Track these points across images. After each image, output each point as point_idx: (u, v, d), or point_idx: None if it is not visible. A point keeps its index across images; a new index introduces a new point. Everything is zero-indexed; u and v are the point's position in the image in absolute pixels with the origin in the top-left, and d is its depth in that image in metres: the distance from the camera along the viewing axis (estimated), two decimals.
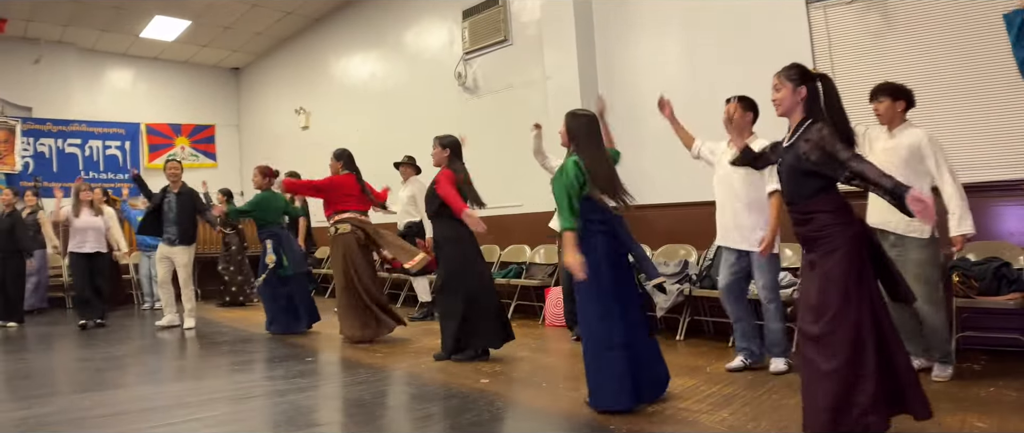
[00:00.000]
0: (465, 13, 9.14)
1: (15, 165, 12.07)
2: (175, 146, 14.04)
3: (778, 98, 3.21)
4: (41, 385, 5.31)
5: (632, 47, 7.33)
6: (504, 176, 8.13)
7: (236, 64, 14.86)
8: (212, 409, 4.30)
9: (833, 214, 3.06)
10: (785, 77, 3.20)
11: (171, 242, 7.84)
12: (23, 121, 12.31)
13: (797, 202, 3.16)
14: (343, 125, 11.53)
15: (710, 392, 4.22)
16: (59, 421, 4.04)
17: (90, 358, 6.31)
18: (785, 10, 6.06)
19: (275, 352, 6.27)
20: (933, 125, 4.50)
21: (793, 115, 3.22)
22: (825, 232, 3.06)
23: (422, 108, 9.92)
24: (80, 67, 13.14)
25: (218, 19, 12.02)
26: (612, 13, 7.49)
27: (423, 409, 4.18)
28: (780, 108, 3.23)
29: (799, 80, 3.17)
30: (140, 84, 14.12)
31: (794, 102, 3.18)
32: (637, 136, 6.81)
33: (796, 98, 3.17)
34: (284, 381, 4.94)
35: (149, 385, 5.18)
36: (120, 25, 12.10)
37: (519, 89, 8.44)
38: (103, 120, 13.36)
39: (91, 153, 13.18)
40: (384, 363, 5.51)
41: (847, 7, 5.74)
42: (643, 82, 7.15)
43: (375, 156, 8.77)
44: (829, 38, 5.85)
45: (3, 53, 12.12)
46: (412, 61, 10.37)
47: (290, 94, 13.27)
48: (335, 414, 4.06)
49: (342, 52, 11.90)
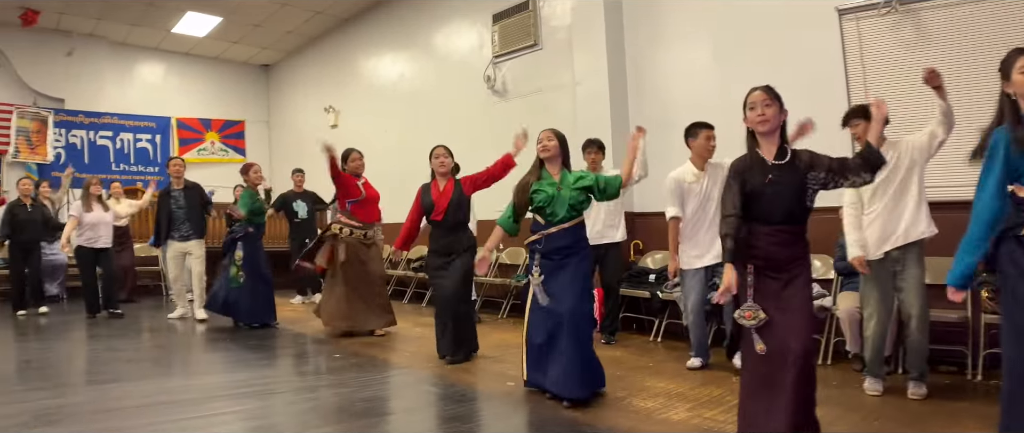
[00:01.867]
0: (495, 17, 9.18)
1: (47, 156, 12.24)
2: (205, 141, 14.19)
3: (769, 114, 3.15)
4: (70, 374, 5.41)
5: (662, 54, 7.34)
6: None
7: (266, 61, 14.99)
8: (243, 403, 4.36)
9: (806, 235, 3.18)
10: (773, 95, 3.18)
11: (185, 238, 7.96)
12: (55, 112, 12.47)
13: (792, 222, 3.14)
14: (372, 125, 11.61)
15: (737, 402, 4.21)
16: (91, 411, 4.11)
17: (119, 348, 6.41)
18: (817, 20, 6.03)
19: (302, 348, 6.35)
20: (966, 140, 4.45)
21: (774, 136, 3.21)
22: (805, 252, 3.18)
23: (450, 110, 9.97)
24: (112, 60, 13.31)
25: (249, 16, 12.14)
26: (642, 19, 7.50)
27: (451, 409, 4.22)
28: (768, 125, 3.15)
29: (782, 103, 3.19)
30: (171, 78, 14.28)
31: (778, 122, 3.18)
32: (666, 143, 6.79)
33: (781, 118, 3.19)
34: (313, 377, 5.01)
35: (179, 377, 5.25)
36: (152, 20, 12.25)
37: (548, 93, 8.46)
38: (134, 113, 13.51)
39: (122, 145, 13.34)
40: (410, 363, 5.56)
41: (880, 18, 5.69)
42: (672, 89, 7.17)
43: (403, 157, 8.84)
44: (861, 49, 5.81)
45: (36, 45, 12.30)
46: (441, 63, 10.43)
47: (320, 92, 13.37)
48: (364, 411, 4.09)
49: (372, 52, 11.97)
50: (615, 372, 5.04)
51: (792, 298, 3.08)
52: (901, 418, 3.85)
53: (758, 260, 3.14)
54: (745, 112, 3.23)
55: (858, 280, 5.21)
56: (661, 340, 6.48)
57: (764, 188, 3.12)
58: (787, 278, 3.10)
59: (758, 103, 3.17)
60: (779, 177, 3.12)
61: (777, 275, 3.11)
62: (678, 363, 5.40)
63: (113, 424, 3.82)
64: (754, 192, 3.15)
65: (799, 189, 3.11)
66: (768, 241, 3.12)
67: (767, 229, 3.13)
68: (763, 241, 3.13)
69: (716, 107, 5.99)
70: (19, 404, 4.21)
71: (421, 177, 8.41)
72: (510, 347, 5.58)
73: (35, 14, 11.43)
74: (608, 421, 3.81)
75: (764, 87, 3.20)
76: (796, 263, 3.12)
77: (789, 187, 3.11)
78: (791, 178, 3.11)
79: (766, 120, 3.14)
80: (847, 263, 4.48)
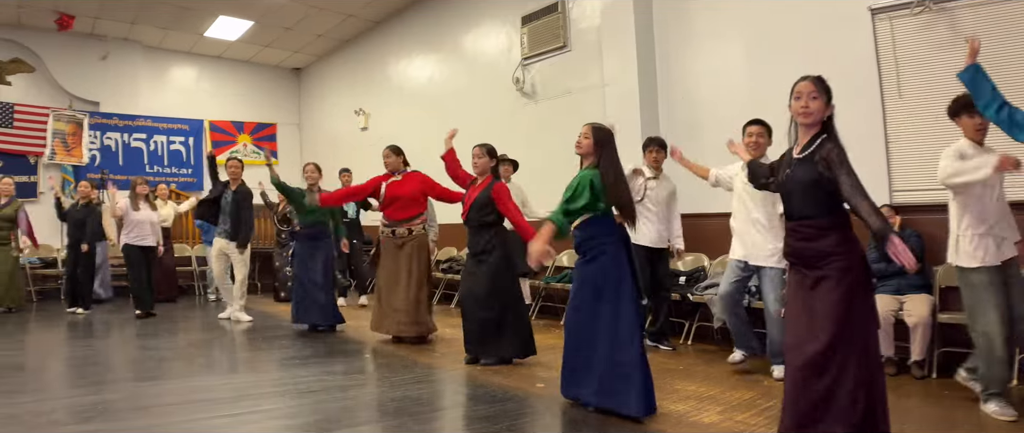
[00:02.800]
0: (524, 19, 9.18)
1: (82, 158, 12.45)
2: (237, 143, 14.35)
3: (813, 107, 3.07)
4: (108, 372, 5.49)
5: (692, 55, 7.29)
6: (561, 181, 8.07)
7: (297, 64, 15.13)
8: (274, 402, 4.40)
9: (846, 230, 3.02)
10: (821, 88, 3.09)
11: (226, 236, 8.03)
12: (91, 115, 12.68)
13: (809, 216, 3.05)
14: (401, 127, 11.66)
15: (768, 405, 4.18)
16: (127, 408, 4.17)
17: (155, 347, 6.51)
18: (850, 20, 5.95)
19: (333, 348, 6.38)
20: (1000, 143, 4.36)
21: (812, 129, 3.14)
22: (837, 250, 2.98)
23: (479, 112, 9.98)
24: (146, 64, 13.50)
25: (281, 20, 12.25)
26: (672, 20, 7.46)
27: (481, 410, 4.22)
28: (811, 117, 3.08)
29: (830, 96, 3.11)
30: (204, 82, 14.46)
31: (821, 116, 3.10)
32: (697, 144, 6.75)
33: (826, 112, 3.11)
34: (343, 376, 5.04)
35: (213, 376, 5.32)
36: (185, 24, 12.42)
37: (577, 95, 8.45)
38: (168, 116, 13.71)
39: (156, 148, 13.54)
40: (441, 363, 5.58)
41: (914, 18, 5.60)
42: (704, 90, 7.12)
43: (433, 158, 8.85)
44: (894, 49, 5.72)
45: (72, 49, 12.52)
46: (470, 65, 10.46)
47: (350, 95, 13.47)
48: (395, 411, 4.11)
49: (401, 55, 12.04)
50: None
51: (816, 298, 2.99)
52: None
53: (789, 256, 3.16)
54: (790, 100, 3.15)
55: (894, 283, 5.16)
56: (692, 342, 6.44)
57: (784, 182, 3.15)
58: (816, 276, 3.00)
59: (804, 94, 3.09)
60: (795, 171, 3.09)
61: (808, 272, 3.05)
62: (708, 366, 5.37)
63: (148, 421, 3.88)
64: (780, 186, 3.20)
65: (813, 184, 3.01)
66: (793, 237, 3.12)
67: (791, 224, 3.15)
68: (790, 237, 3.15)
69: (747, 108, 5.94)
70: (58, 401, 4.29)
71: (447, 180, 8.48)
72: (540, 348, 5.56)
73: (71, 19, 11.64)
74: (639, 424, 3.79)
75: (815, 78, 3.12)
76: (826, 260, 2.98)
77: (801, 182, 3.05)
78: (805, 172, 3.04)
79: (809, 113, 3.07)
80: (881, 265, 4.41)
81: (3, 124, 11.81)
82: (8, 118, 11.87)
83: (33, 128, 12.05)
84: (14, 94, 12.10)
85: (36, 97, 12.27)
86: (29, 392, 4.62)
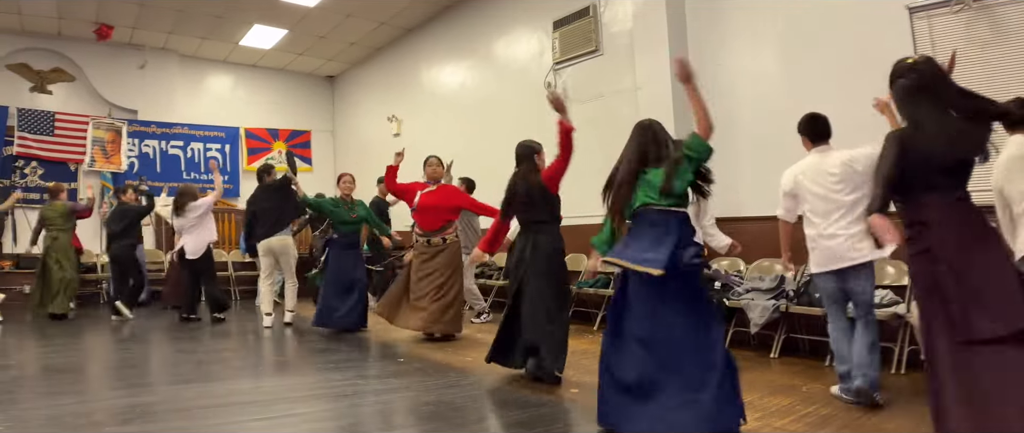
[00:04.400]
0: (555, 24, 9.17)
1: (121, 165, 12.69)
2: (272, 150, 14.51)
3: None
4: (146, 375, 5.56)
5: (727, 56, 7.22)
6: (593, 185, 8.04)
7: (331, 72, 15.27)
8: (309, 405, 4.43)
9: None
10: None
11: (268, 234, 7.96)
12: (129, 123, 12.94)
13: None
14: (434, 133, 11.71)
15: (806, 412, 4.12)
16: (164, 410, 4.21)
17: (192, 350, 6.61)
18: (887, 19, 5.85)
19: (366, 352, 6.43)
20: None
21: None
22: None
23: (511, 118, 9.97)
24: (183, 72, 13.74)
25: (314, 28, 12.38)
26: (706, 22, 7.39)
27: (514, 415, 4.20)
28: None
29: None
30: (239, 90, 14.67)
31: None
32: (732, 147, 6.69)
33: None
34: (378, 380, 5.05)
35: (248, 379, 5.36)
36: (221, 33, 12.61)
37: (609, 99, 8.41)
38: (204, 123, 13.94)
39: (193, 155, 13.75)
40: (474, 367, 5.56)
41: (953, 16, 5.50)
42: (739, 92, 7.03)
43: (464, 164, 8.87)
44: (933, 48, 5.58)
45: (110, 58, 12.80)
46: (502, 71, 10.47)
47: (383, 102, 13.56)
48: (428, 415, 4.11)
49: (433, 62, 12.09)
50: None
51: None
52: None
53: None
54: None
55: None
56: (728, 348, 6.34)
57: None
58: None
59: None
60: None
61: None
62: (744, 373, 5.28)
63: (183, 424, 3.91)
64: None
65: None
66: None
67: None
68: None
69: (783, 108, 5.88)
70: (95, 403, 4.34)
71: (483, 184, 8.51)
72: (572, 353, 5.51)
73: (109, 29, 11.88)
74: None
75: None
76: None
77: None
78: None
79: None
80: None
81: (44, 132, 12.08)
82: (49, 126, 12.14)
83: (73, 136, 12.32)
84: (55, 103, 12.40)
85: (76, 106, 12.56)
86: (71, 394, 4.69)
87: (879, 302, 5.51)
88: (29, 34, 12.08)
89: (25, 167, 12.01)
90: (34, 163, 12.09)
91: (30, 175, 12.02)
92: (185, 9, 11.41)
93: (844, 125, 4.65)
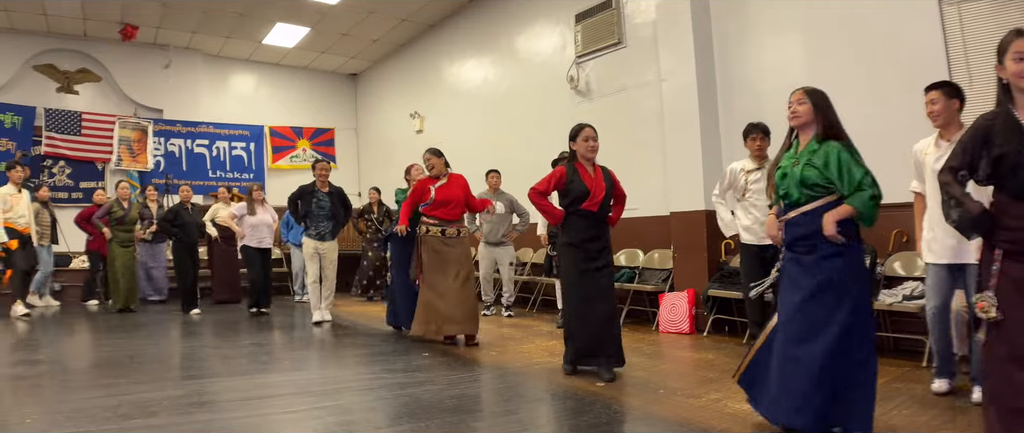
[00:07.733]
0: (578, 17, 9.12)
1: (148, 163, 12.82)
2: (297, 148, 14.60)
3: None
4: (170, 369, 5.58)
5: (752, 48, 7.12)
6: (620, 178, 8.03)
7: (353, 70, 15.31)
8: (334, 399, 4.41)
9: None
10: None
11: (322, 237, 7.97)
12: (155, 122, 13.07)
13: None
14: (456, 129, 11.70)
15: None
16: (188, 404, 4.20)
17: (218, 346, 6.64)
18: (915, 9, 5.74)
19: (394, 346, 6.40)
20: None
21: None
22: None
23: (534, 112, 9.94)
24: (207, 72, 13.86)
25: (336, 26, 12.41)
26: (730, 13, 7.30)
27: (539, 409, 4.16)
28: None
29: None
30: (263, 88, 14.76)
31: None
32: None
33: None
34: (403, 374, 5.02)
35: (274, 373, 5.35)
36: (244, 32, 12.69)
37: (633, 91, 8.34)
38: (229, 122, 14.05)
39: (218, 153, 13.86)
40: (498, 362, 5.53)
41: (983, 4, 5.37)
42: (763, 84, 6.94)
43: (487, 160, 8.84)
44: (964, 38, 5.47)
45: (136, 58, 12.94)
46: (524, 65, 10.42)
47: (405, 99, 13.57)
48: (452, 409, 4.08)
49: (455, 57, 12.07)
50: (708, 375, 4.94)
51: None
52: None
53: (1007, 243, 2.65)
54: (1002, 60, 2.73)
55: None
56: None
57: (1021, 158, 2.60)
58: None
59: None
60: None
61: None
62: None
63: (207, 417, 3.90)
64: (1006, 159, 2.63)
65: None
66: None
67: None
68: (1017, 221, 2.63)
69: None
70: (122, 396, 4.35)
71: (507, 178, 8.47)
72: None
73: (134, 29, 12.01)
74: (704, 423, 3.69)
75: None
76: None
77: None
78: None
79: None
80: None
81: (72, 132, 12.22)
82: (76, 126, 12.28)
83: (100, 135, 12.46)
84: (81, 103, 12.56)
85: (103, 105, 12.71)
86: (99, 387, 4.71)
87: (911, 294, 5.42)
88: (55, 35, 12.23)
89: (53, 166, 12.16)
90: (62, 162, 12.25)
91: (58, 174, 12.17)
92: (209, 9, 11.51)
93: (871, 117, 4.55)
